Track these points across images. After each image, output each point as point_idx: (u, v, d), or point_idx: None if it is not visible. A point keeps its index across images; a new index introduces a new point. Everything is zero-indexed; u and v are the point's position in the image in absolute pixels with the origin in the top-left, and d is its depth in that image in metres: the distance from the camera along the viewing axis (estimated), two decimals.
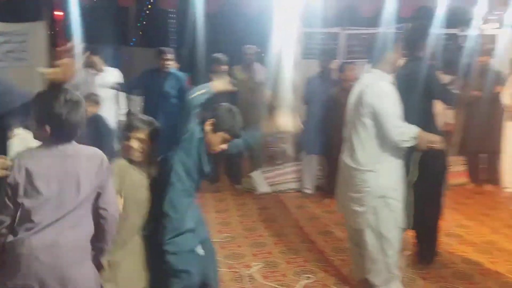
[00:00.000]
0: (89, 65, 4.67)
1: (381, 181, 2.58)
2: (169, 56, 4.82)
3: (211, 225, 3.81)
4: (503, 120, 5.19)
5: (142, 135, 2.17)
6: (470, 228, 4.15)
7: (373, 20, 6.99)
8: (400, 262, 2.80)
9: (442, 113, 5.18)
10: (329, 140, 4.68)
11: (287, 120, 2.64)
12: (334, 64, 5.36)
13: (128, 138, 2.17)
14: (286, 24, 6.49)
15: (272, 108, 6.51)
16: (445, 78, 3.12)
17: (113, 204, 1.85)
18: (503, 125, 5.19)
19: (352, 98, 2.74)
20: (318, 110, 4.96)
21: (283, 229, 4.16)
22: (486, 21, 3.15)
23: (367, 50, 2.84)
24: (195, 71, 6.40)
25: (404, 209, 2.69)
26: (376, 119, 2.54)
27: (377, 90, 2.56)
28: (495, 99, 5.18)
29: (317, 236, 3.93)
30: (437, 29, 6.56)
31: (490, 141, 5.28)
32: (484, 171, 5.55)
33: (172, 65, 4.91)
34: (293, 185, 5.44)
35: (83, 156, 1.75)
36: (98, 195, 1.76)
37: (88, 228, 1.75)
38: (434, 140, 2.61)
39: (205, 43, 6.73)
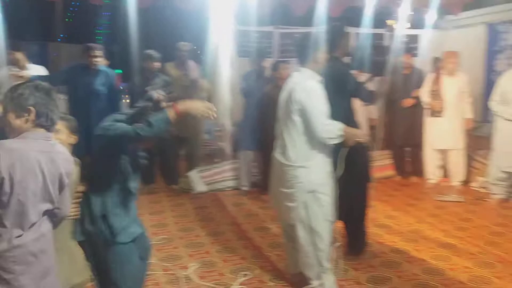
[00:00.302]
0: (12, 62, 4.39)
1: (312, 177, 2.66)
2: (97, 52, 4.63)
3: (146, 227, 3.73)
4: (424, 116, 5.53)
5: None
6: (397, 219, 4.38)
7: (305, 19, 7.17)
8: (331, 255, 2.89)
9: (366, 109, 5.46)
10: (264, 137, 4.73)
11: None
12: (268, 63, 5.42)
13: None
14: (221, 21, 6.47)
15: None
16: (362, 77, 3.27)
17: (68, 205, 1.89)
18: (424, 120, 5.53)
19: (282, 96, 2.80)
20: (253, 107, 4.99)
21: (220, 227, 4.15)
22: (402, 21, 3.33)
23: (295, 49, 2.88)
24: (127, 68, 6.21)
25: (333, 202, 2.79)
26: (304, 116, 2.61)
27: (305, 88, 2.63)
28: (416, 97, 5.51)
29: (254, 233, 3.97)
30: (360, 29, 6.89)
31: (413, 136, 5.62)
32: (409, 164, 5.89)
33: (100, 62, 4.72)
34: (231, 183, 5.45)
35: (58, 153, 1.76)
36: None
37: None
38: (359, 135, 2.78)
39: (137, 39, 6.53)
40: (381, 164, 5.99)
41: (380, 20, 8.56)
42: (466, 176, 5.58)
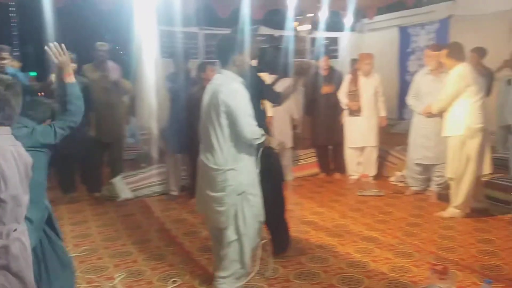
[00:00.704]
0: None
1: (242, 178, 2.67)
2: (4, 54, 4.31)
3: (67, 239, 3.54)
4: (343, 115, 5.77)
5: None
6: (323, 215, 4.53)
7: (230, 21, 7.19)
8: (260, 254, 2.94)
9: (289, 109, 5.62)
10: (192, 139, 4.66)
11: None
12: (193, 64, 5.37)
13: None
14: (143, 21, 6.30)
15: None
16: (270, 78, 3.34)
17: None
18: (344, 119, 5.77)
19: (206, 98, 2.76)
20: (180, 109, 4.90)
21: (148, 235, 4.03)
22: (301, 23, 3.47)
23: (216, 51, 2.85)
24: (43, 71, 5.84)
25: (262, 202, 2.82)
26: (231, 118, 2.60)
27: (231, 90, 2.63)
28: (335, 97, 5.74)
29: (183, 238, 3.90)
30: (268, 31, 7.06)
31: (334, 135, 5.85)
32: (332, 161, 6.13)
33: (10, 64, 4.39)
34: (159, 188, 5.31)
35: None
36: None
37: None
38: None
39: (52, 39, 6.16)
40: (306, 162, 6.18)
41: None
42: (383, 171, 5.93)
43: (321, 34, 9.07)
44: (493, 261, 3.32)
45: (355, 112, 5.56)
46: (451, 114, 4.24)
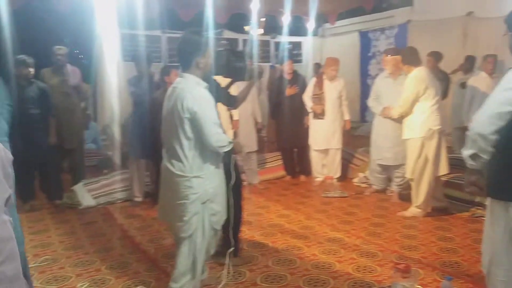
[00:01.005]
0: None
1: (207, 187, 2.58)
2: None
3: (26, 249, 3.39)
4: (308, 118, 5.84)
5: None
6: (289, 217, 4.56)
7: (193, 25, 7.16)
8: (228, 263, 2.95)
9: (252, 113, 5.65)
10: (155, 144, 4.60)
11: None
12: (155, 67, 5.30)
13: None
14: (104, 24, 6.17)
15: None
16: (224, 81, 3.31)
17: None
18: (308, 122, 5.84)
19: (168, 103, 2.62)
20: (142, 114, 4.81)
21: (111, 242, 3.93)
22: (253, 26, 3.46)
23: (177, 54, 2.71)
24: None
25: (224, 211, 2.78)
26: (196, 125, 2.49)
27: (195, 96, 2.50)
28: (299, 100, 5.80)
29: (148, 245, 3.82)
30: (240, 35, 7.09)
31: (299, 138, 5.91)
32: (297, 164, 6.19)
33: None
34: (122, 195, 5.19)
35: None
36: None
37: None
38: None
39: (8, 43, 5.94)
40: (272, 165, 6.22)
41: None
42: (347, 173, 6.04)
43: (285, 39, 9.17)
44: (453, 258, 3.43)
45: (319, 115, 5.64)
46: (410, 117, 4.38)
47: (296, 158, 6.22)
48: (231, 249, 2.99)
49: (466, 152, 2.07)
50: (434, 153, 4.30)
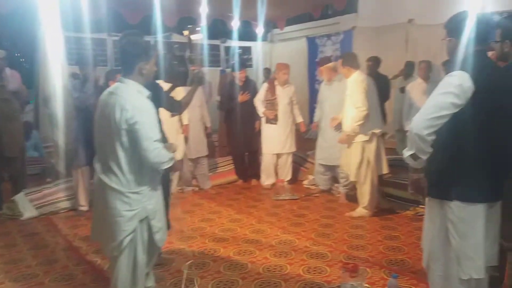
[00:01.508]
0: None
1: (146, 203, 2.39)
2: None
3: None
4: (259, 123, 5.88)
5: None
6: (241, 221, 4.55)
7: (140, 28, 7.02)
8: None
9: (202, 117, 5.63)
10: None
11: None
12: (101, 71, 5.14)
13: None
14: (47, 26, 5.93)
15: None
16: (165, 86, 3.25)
17: None
18: (260, 127, 5.88)
19: (104, 109, 2.35)
20: (86, 119, 4.63)
21: (55, 254, 3.76)
22: (192, 31, 3.43)
23: (119, 58, 2.53)
24: None
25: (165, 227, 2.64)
26: (134, 137, 2.27)
27: (136, 106, 2.27)
28: (251, 105, 5.83)
29: (94, 256, 3.68)
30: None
31: (250, 142, 5.93)
32: (249, 168, 6.20)
33: None
34: (66, 204, 4.99)
35: None
36: None
37: None
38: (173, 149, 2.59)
39: None
40: (224, 170, 6.20)
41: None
42: (297, 176, 6.14)
43: (235, 43, 9.21)
44: (398, 256, 3.56)
45: (272, 120, 5.69)
46: (349, 120, 4.50)
47: (248, 163, 6.23)
48: (189, 262, 2.93)
49: (406, 153, 2.15)
50: (374, 155, 4.46)
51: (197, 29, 3.52)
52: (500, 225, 2.19)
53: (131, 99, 2.28)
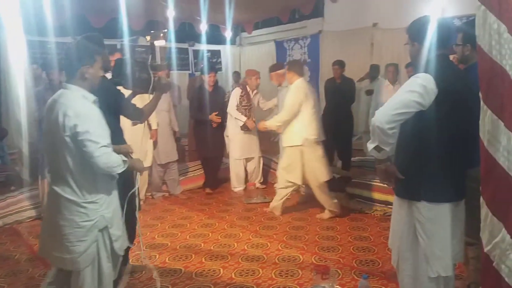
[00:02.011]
0: None
1: (104, 212, 2.30)
2: None
3: None
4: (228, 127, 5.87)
5: None
6: (213, 226, 4.53)
7: (106, 31, 6.91)
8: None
9: (170, 122, 5.58)
10: None
11: None
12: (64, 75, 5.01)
13: None
14: (8, 30, 5.76)
15: None
16: (127, 93, 3.15)
17: None
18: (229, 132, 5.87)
19: (50, 117, 2.25)
20: None
21: (20, 265, 3.63)
22: (155, 36, 3.34)
23: (63, 63, 2.40)
24: None
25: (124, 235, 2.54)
26: (80, 145, 2.18)
27: (79, 112, 2.18)
28: (220, 110, 5.80)
29: None
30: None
31: (220, 147, 5.90)
32: (220, 172, 6.17)
33: None
34: (31, 213, 4.82)
35: None
36: None
37: None
38: (128, 151, 2.59)
39: None
40: (195, 175, 6.15)
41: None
42: (268, 178, 6.16)
43: (203, 47, 9.17)
44: (368, 257, 3.62)
45: (247, 128, 5.67)
46: (289, 126, 4.57)
47: (217, 167, 6.19)
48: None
49: (370, 145, 2.20)
50: (314, 160, 4.54)
51: (160, 34, 3.42)
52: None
53: (74, 105, 2.19)
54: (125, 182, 2.64)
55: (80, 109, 2.19)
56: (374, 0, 7.51)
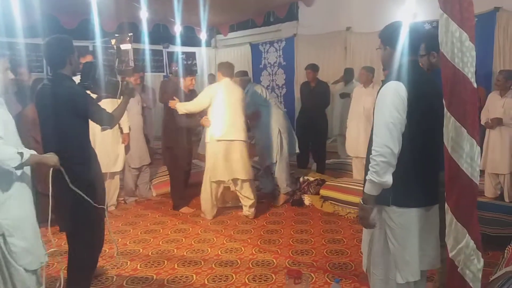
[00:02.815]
0: None
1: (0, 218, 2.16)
2: None
3: None
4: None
5: None
6: (186, 231, 4.47)
7: (78, 32, 6.79)
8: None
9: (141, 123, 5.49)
10: None
11: None
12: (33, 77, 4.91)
13: None
14: None
15: None
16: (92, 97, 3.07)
17: None
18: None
19: None
20: None
21: None
22: (120, 40, 3.28)
23: None
24: None
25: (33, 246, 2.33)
26: None
27: None
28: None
29: None
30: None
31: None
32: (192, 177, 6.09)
33: None
34: None
35: None
36: None
37: None
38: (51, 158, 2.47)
39: None
40: (167, 179, 6.06)
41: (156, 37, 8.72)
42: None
43: (178, 49, 9.10)
44: (342, 260, 3.65)
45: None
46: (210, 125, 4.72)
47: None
48: None
49: (385, 177, 2.03)
50: (212, 159, 4.69)
51: (126, 38, 3.34)
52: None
53: None
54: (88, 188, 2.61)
55: None
56: (347, 5, 7.58)
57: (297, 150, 5.72)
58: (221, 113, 4.64)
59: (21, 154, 2.14)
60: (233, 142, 4.67)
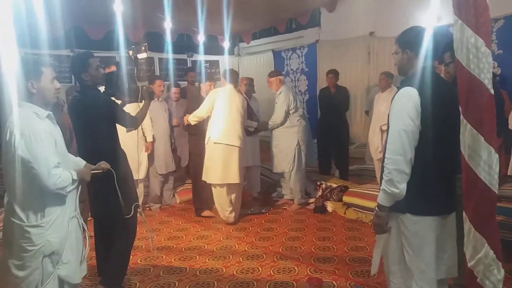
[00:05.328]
0: None
1: (50, 237, 2.18)
2: None
3: None
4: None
5: None
6: (209, 238, 4.52)
7: (103, 44, 6.98)
8: None
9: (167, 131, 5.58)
10: None
11: None
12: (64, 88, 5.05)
13: None
14: (1, 43, 5.77)
15: None
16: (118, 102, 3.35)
17: None
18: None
19: (4, 137, 2.15)
20: None
21: None
22: (137, 50, 3.47)
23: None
24: None
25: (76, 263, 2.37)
26: (27, 166, 2.09)
27: (25, 131, 2.08)
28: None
29: None
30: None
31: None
32: None
33: None
34: None
35: None
36: None
37: None
38: (102, 167, 2.54)
39: None
40: (189, 187, 6.12)
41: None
42: (265, 188, 6.15)
43: (202, 57, 9.20)
44: (364, 268, 3.59)
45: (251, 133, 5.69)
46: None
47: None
48: None
49: (403, 185, 2.02)
50: (215, 161, 4.78)
51: (142, 48, 3.54)
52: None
53: (20, 125, 2.09)
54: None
55: (26, 129, 2.08)
56: (370, 10, 7.53)
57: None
58: (220, 117, 4.76)
59: (74, 180, 2.23)
60: (228, 147, 4.77)
